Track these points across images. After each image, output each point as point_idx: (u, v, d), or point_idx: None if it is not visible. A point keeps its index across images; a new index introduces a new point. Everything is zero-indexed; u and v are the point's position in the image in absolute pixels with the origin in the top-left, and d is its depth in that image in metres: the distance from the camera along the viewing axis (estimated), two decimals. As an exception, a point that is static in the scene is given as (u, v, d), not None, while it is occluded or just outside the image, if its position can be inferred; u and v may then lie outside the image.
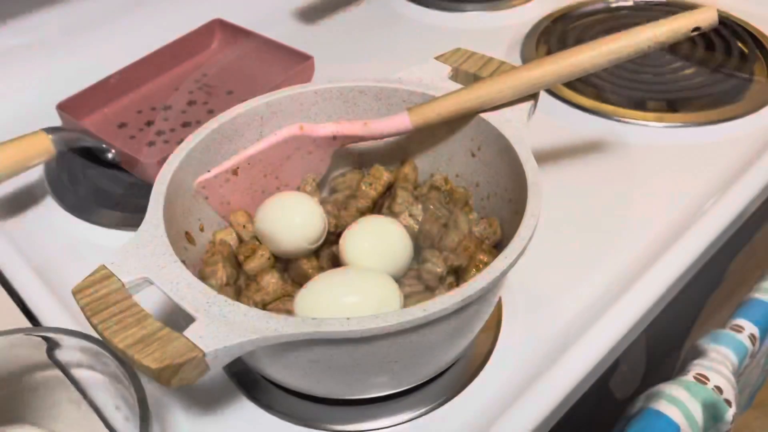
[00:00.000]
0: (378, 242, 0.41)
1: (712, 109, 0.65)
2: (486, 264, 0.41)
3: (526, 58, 0.73)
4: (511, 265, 0.36)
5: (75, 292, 0.34)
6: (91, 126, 0.63)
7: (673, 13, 0.43)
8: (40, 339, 0.39)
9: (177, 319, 0.36)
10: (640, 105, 0.67)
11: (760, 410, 1.29)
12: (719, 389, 0.48)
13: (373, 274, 0.38)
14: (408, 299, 0.41)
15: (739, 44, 0.73)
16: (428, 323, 0.34)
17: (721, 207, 0.55)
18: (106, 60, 0.69)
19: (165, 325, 0.33)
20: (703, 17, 0.41)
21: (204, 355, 0.31)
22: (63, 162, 0.61)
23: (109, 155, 0.58)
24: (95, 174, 0.61)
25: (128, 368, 0.37)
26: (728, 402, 0.48)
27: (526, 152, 0.42)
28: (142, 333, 0.32)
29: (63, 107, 0.62)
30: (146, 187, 0.54)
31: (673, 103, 0.67)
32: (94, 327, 0.33)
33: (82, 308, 0.33)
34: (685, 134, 0.63)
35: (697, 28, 0.42)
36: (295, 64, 0.67)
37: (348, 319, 0.33)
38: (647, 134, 0.63)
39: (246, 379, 0.45)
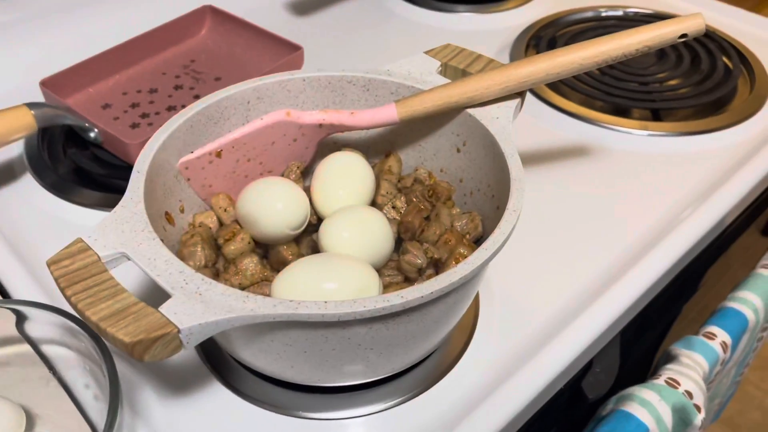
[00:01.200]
0: (358, 231, 0.41)
1: (694, 120, 0.66)
2: (466, 257, 0.42)
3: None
4: (491, 258, 0.36)
5: (50, 264, 0.33)
6: (75, 105, 0.62)
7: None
8: (9, 311, 0.39)
9: (154, 296, 0.35)
10: (624, 112, 0.67)
11: (728, 426, 1.31)
12: (689, 394, 0.48)
13: (354, 261, 0.38)
14: (387, 289, 0.41)
15: (724, 59, 0.74)
16: (406, 311, 0.34)
17: (698, 216, 0.56)
18: (95, 40, 0.68)
19: (140, 301, 0.32)
20: (691, 24, 0.42)
21: (178, 331, 0.31)
22: (44, 139, 0.61)
23: (92, 134, 0.58)
24: (76, 153, 0.60)
25: (101, 345, 0.37)
26: (698, 407, 0.49)
27: (511, 149, 0.42)
28: (116, 306, 0.32)
29: (46, 84, 0.61)
30: (128, 169, 0.53)
31: (657, 112, 0.68)
32: (68, 299, 0.32)
33: (56, 279, 0.33)
34: (668, 143, 0.64)
35: (684, 35, 0.42)
36: (284, 54, 0.67)
37: (325, 302, 0.33)
38: (630, 141, 0.64)
39: (220, 363, 0.45)
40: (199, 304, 0.32)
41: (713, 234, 0.57)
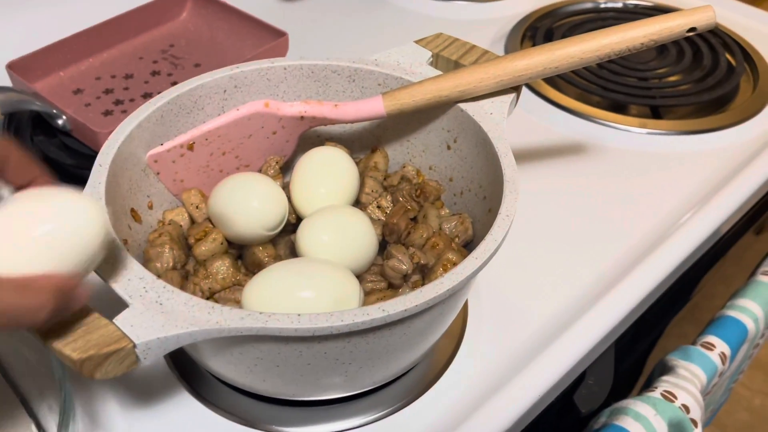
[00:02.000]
0: (339, 235, 0.38)
1: (695, 119, 0.63)
2: (455, 264, 0.39)
3: (510, 52, 0.71)
4: (481, 267, 0.33)
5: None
6: (44, 89, 0.59)
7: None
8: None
9: (111, 304, 0.32)
10: (622, 109, 0.65)
11: (716, 426, 1.30)
12: (686, 408, 0.46)
13: (332, 268, 0.35)
14: (369, 296, 0.39)
15: (727, 55, 0.71)
16: (387, 324, 0.31)
17: (696, 223, 0.53)
18: (68, 20, 0.64)
19: (93, 310, 0.29)
20: (700, 17, 0.39)
21: (134, 346, 0.28)
22: (9, 126, 0.57)
23: (60, 122, 0.54)
24: (44, 142, 0.57)
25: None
26: (694, 422, 0.46)
27: (505, 148, 0.40)
28: (63, 317, 0.29)
29: (13, 67, 0.57)
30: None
31: (656, 109, 0.65)
32: (13, 308, 0.29)
33: None
34: (667, 142, 0.61)
35: (693, 29, 0.39)
36: (268, 40, 0.63)
37: (299, 315, 0.30)
38: (628, 139, 0.61)
39: (189, 371, 0.42)
40: (159, 316, 0.29)
41: (711, 241, 0.54)
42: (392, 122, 0.46)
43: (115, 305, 0.30)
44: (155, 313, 0.29)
